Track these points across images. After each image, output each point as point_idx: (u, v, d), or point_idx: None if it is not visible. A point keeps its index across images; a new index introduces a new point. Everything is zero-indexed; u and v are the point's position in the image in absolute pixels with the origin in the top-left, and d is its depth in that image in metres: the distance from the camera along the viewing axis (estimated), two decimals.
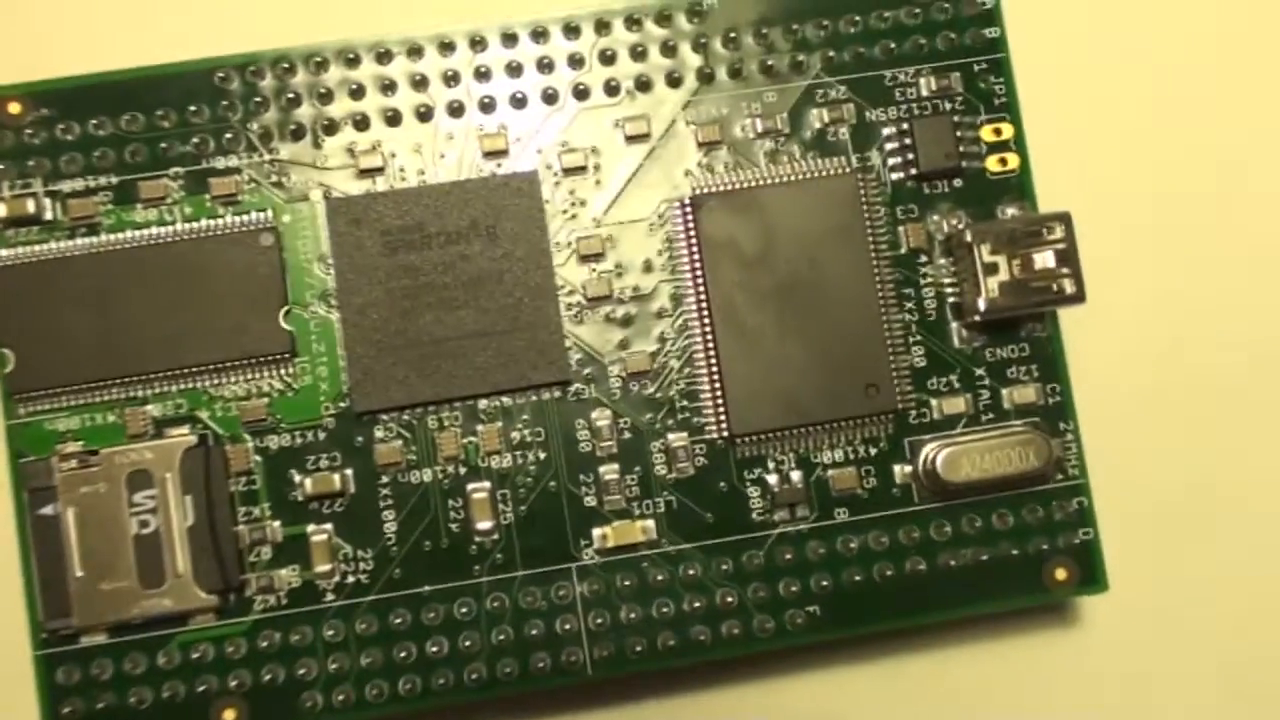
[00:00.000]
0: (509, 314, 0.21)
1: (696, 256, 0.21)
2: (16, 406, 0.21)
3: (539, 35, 0.22)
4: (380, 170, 0.21)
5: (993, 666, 0.23)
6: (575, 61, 0.22)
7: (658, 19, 0.22)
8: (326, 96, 0.21)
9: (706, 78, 0.22)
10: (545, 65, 0.21)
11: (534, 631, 0.21)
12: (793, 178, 0.21)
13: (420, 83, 0.21)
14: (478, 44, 0.21)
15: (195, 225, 0.21)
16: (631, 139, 0.21)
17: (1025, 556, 0.21)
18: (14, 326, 0.21)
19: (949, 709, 0.23)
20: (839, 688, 0.23)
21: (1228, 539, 0.23)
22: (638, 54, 0.22)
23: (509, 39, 0.21)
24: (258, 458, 0.21)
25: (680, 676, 0.22)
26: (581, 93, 0.22)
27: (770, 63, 0.22)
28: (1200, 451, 0.23)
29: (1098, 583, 0.22)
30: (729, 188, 0.21)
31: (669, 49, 0.22)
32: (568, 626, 0.21)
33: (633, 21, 0.22)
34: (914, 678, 0.23)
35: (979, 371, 0.22)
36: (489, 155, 0.21)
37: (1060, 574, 0.22)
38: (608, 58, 0.22)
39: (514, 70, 0.21)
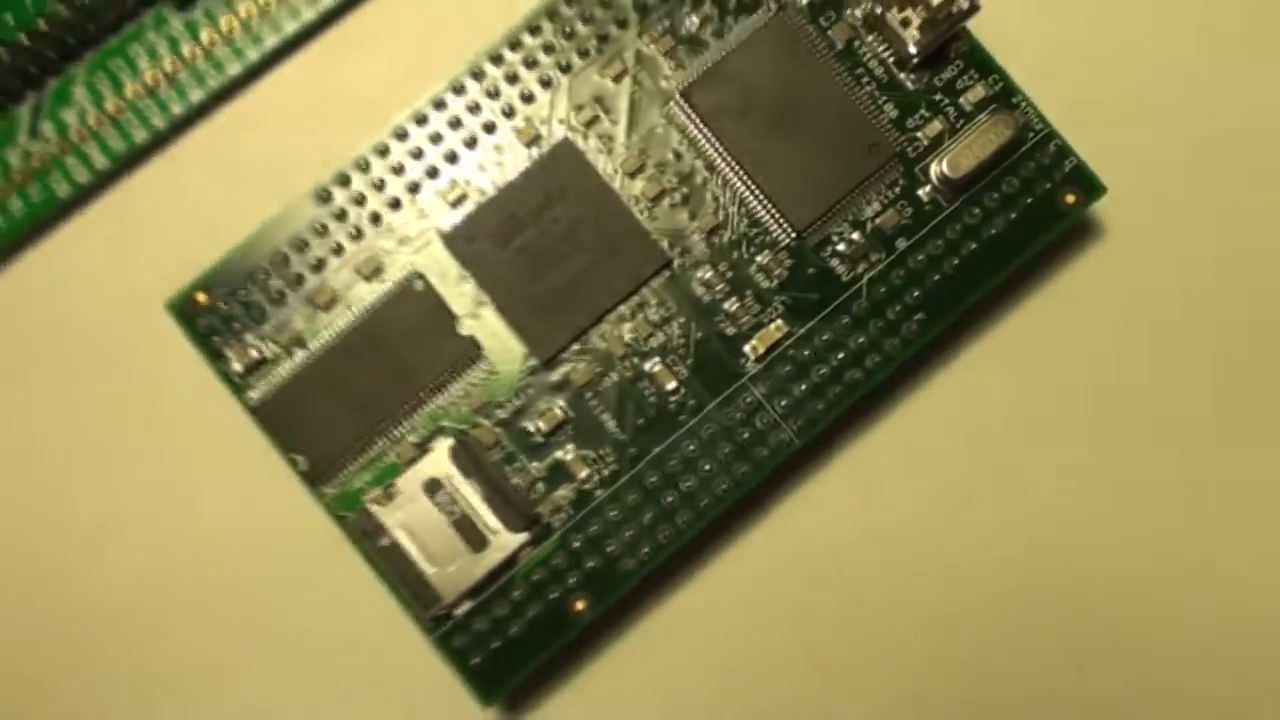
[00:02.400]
0: (604, 241, 0.28)
1: (705, 129, 0.28)
2: (321, 489, 0.28)
3: (515, 46, 0.28)
4: (465, 197, 0.28)
5: (1062, 300, 0.30)
6: (548, 49, 0.28)
7: None
8: (399, 169, 0.28)
9: (642, 9, 0.28)
10: (531, 63, 0.28)
11: (745, 435, 0.27)
12: (737, 42, 0.28)
13: (456, 124, 0.28)
14: (477, 75, 0.28)
15: (369, 307, 0.28)
16: (616, 78, 0.28)
17: (1038, 201, 0.28)
18: (293, 434, 0.27)
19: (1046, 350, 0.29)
20: (967, 372, 0.29)
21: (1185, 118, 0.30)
22: (587, 20, 0.28)
23: (496, 59, 0.28)
24: (498, 429, 0.27)
25: (856, 413, 0.29)
26: (565, 68, 0.28)
27: None
28: (1142, 59, 0.30)
29: (1098, 190, 0.28)
30: (701, 71, 0.28)
31: (605, 4, 0.28)
32: (765, 420, 0.27)
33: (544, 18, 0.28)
34: (1013, 340, 0.29)
35: (936, 96, 0.28)
36: (529, 144, 0.28)
37: (1070, 199, 0.28)
38: (568, 34, 0.28)
39: (513, 78, 0.28)
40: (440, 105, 0.28)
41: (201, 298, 0.28)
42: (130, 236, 0.29)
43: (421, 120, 0.28)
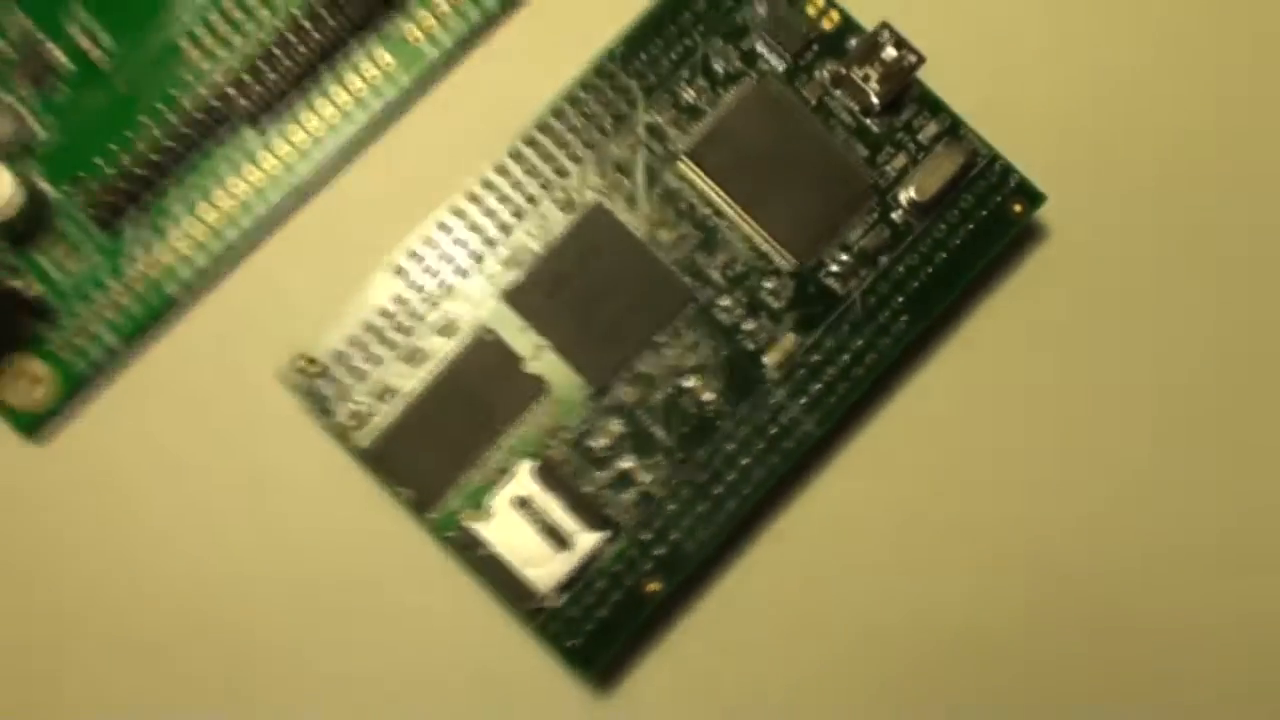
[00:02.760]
0: (638, 284, 0.33)
1: (710, 182, 0.33)
2: (426, 515, 0.33)
3: (545, 130, 0.34)
4: (518, 260, 0.33)
5: (1017, 303, 0.35)
6: (573, 130, 0.34)
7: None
8: (463, 242, 0.33)
9: (646, 90, 0.34)
10: (560, 144, 0.34)
11: (773, 431, 0.33)
12: (728, 108, 0.34)
13: (504, 199, 0.34)
14: (516, 157, 0.34)
15: (450, 359, 0.33)
16: (632, 148, 0.34)
17: (991, 214, 0.34)
18: (398, 471, 0.33)
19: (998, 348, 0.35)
20: (948, 362, 0.35)
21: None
22: (602, 102, 0.34)
23: (530, 143, 0.34)
24: (568, 448, 0.33)
25: (863, 404, 0.34)
26: (589, 144, 0.34)
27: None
28: (1069, 83, 0.36)
29: (1039, 198, 0.34)
30: (701, 134, 0.34)
31: (616, 88, 0.34)
32: (788, 417, 0.33)
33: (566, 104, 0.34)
34: (982, 332, 0.35)
35: (898, 135, 0.34)
36: (565, 210, 0.34)
37: (1017, 208, 0.34)
38: (588, 116, 0.34)
39: (547, 157, 0.34)
40: (488, 185, 0.33)
41: (308, 365, 0.33)
42: (238, 323, 0.34)
43: (475, 199, 0.33)
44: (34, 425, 0.34)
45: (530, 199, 0.34)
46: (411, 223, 0.34)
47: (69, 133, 0.35)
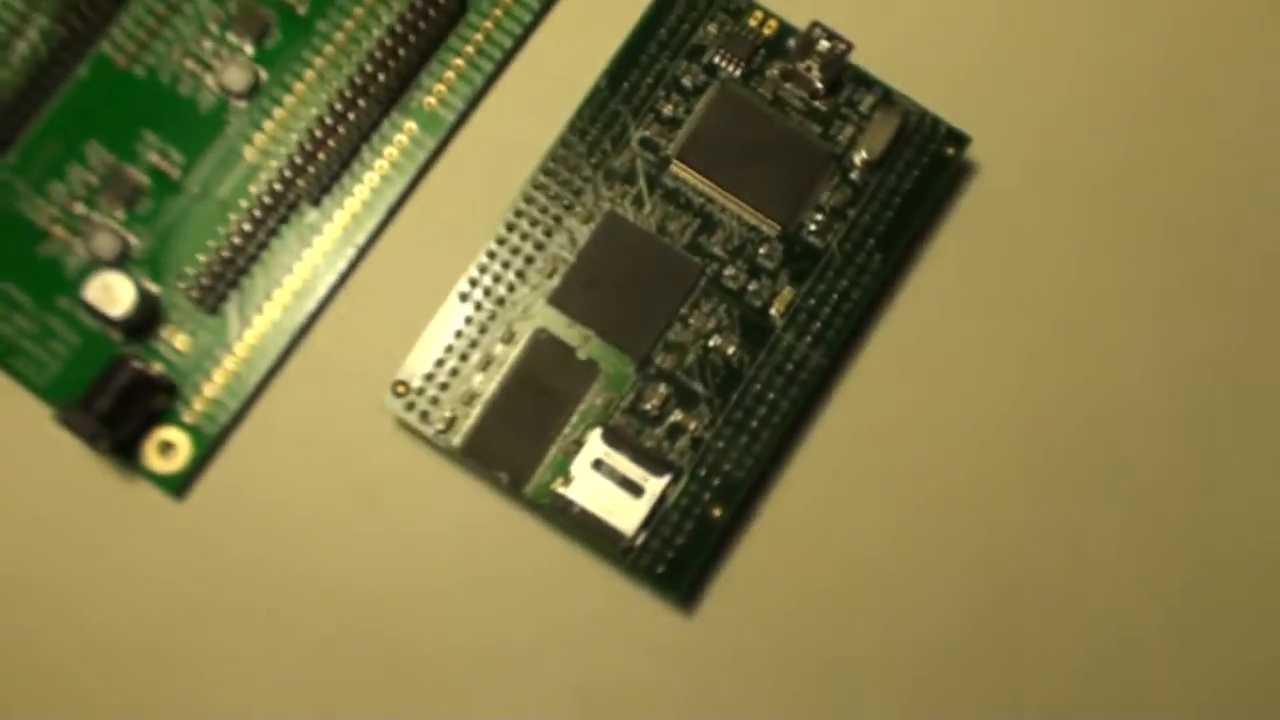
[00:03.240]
0: (657, 270, 0.40)
1: (699, 175, 0.40)
2: (521, 492, 0.40)
3: (556, 159, 0.41)
4: (555, 269, 0.40)
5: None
6: (580, 156, 0.41)
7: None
8: (507, 264, 0.40)
9: (634, 112, 0.41)
10: (573, 168, 0.41)
11: (789, 368, 0.40)
12: (701, 113, 0.41)
13: (534, 222, 0.40)
14: (539, 187, 0.41)
15: (516, 361, 0.40)
16: (631, 160, 0.41)
17: (930, 159, 0.41)
18: (491, 459, 0.39)
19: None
20: (920, 288, 0.42)
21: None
22: (603, 130, 0.41)
23: (548, 173, 0.41)
24: (626, 413, 0.40)
25: (858, 333, 0.41)
26: (596, 165, 0.41)
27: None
28: (983, 37, 0.43)
29: (965, 139, 0.41)
30: (684, 138, 0.41)
31: (610, 120, 0.41)
32: (798, 355, 0.40)
33: (571, 136, 0.41)
34: (938, 263, 0.42)
35: (843, 110, 0.41)
36: (586, 222, 0.41)
37: (949, 150, 0.41)
38: (591, 144, 0.41)
39: (564, 182, 0.41)
40: (519, 213, 0.40)
41: (403, 389, 0.40)
42: (333, 365, 0.41)
43: (511, 227, 0.40)
44: (178, 486, 0.41)
45: (556, 219, 0.40)
46: (462, 256, 0.40)
47: (160, 237, 0.41)
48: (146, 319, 0.41)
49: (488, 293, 0.40)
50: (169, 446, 0.41)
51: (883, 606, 0.40)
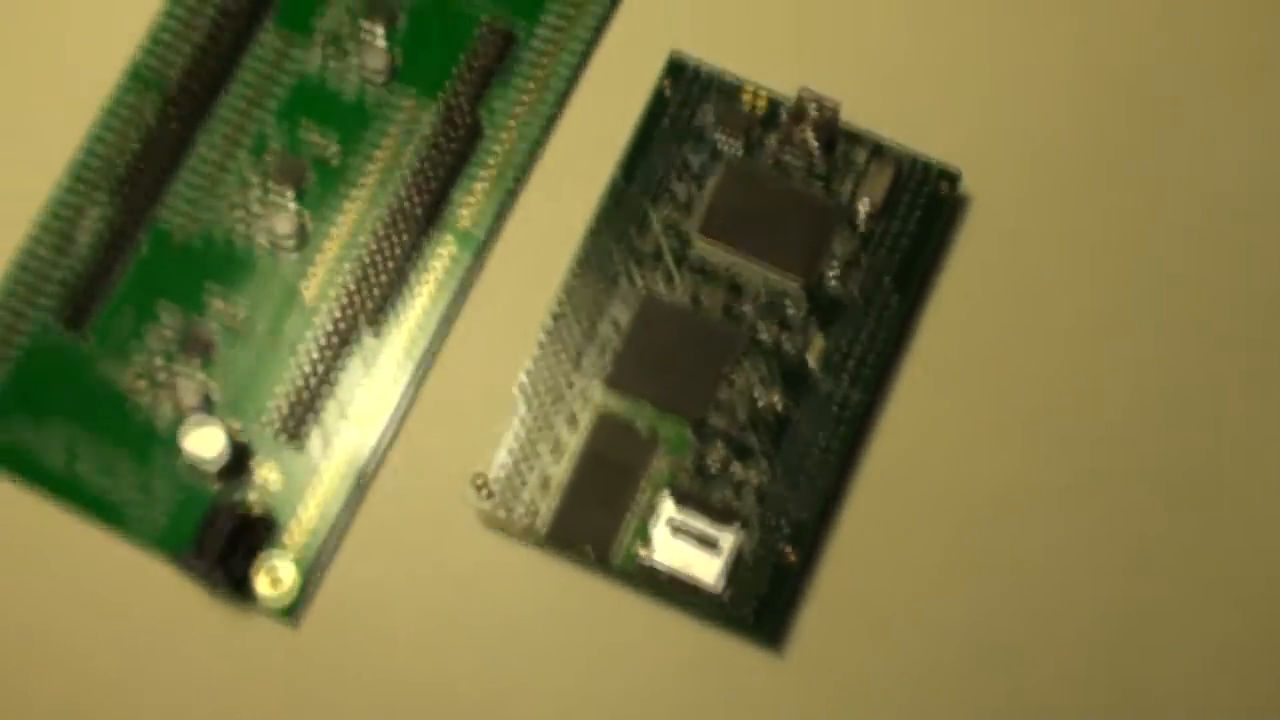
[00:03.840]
0: (700, 338, 0.43)
1: (722, 245, 0.44)
2: (608, 563, 0.43)
3: (587, 257, 0.44)
4: (607, 351, 0.44)
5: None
6: (613, 249, 0.44)
7: None
8: (559, 354, 0.44)
9: (653, 199, 0.45)
10: (606, 258, 0.44)
11: (834, 409, 0.43)
12: (713, 189, 0.44)
13: (579, 313, 0.44)
14: (576, 277, 0.44)
15: (586, 442, 0.43)
16: (658, 242, 0.44)
17: (926, 198, 0.44)
18: (576, 536, 0.43)
19: None
20: (935, 317, 0.45)
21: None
22: (633, 224, 0.44)
23: (580, 267, 0.44)
24: (692, 474, 0.43)
25: (889, 367, 0.45)
26: (628, 254, 0.44)
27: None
28: (966, 87, 0.47)
29: (956, 176, 0.45)
30: (702, 214, 0.44)
31: (635, 216, 0.44)
32: (840, 395, 0.43)
33: (599, 228, 0.44)
34: (948, 292, 0.46)
35: (840, 167, 0.45)
36: (625, 306, 0.44)
37: (944, 188, 0.45)
38: (619, 238, 0.44)
39: (591, 287, 0.44)
40: (562, 303, 0.44)
41: (483, 485, 0.43)
42: (415, 473, 0.44)
43: (557, 319, 0.44)
44: (288, 612, 0.44)
45: (597, 307, 0.44)
46: (518, 354, 0.44)
47: (238, 382, 0.45)
48: (238, 460, 0.44)
49: (547, 385, 0.43)
50: (277, 576, 0.44)
51: (956, 612, 0.44)
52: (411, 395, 0.45)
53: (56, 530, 0.44)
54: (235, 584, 0.43)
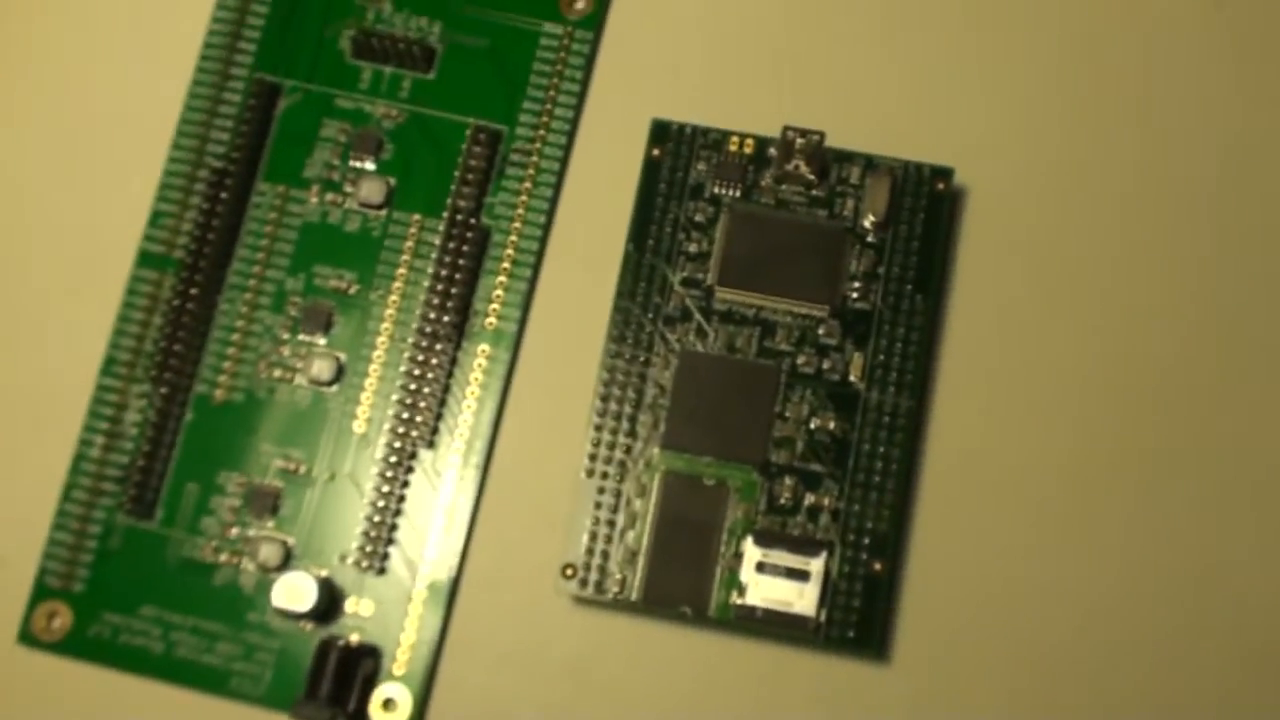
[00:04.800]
0: (743, 386, 0.44)
1: (742, 292, 0.45)
2: (705, 616, 0.43)
3: (617, 343, 0.46)
4: (659, 417, 0.45)
5: None
6: (641, 331, 0.46)
7: None
8: (614, 431, 0.45)
9: (666, 258, 0.46)
10: (639, 335, 0.45)
11: (885, 418, 0.44)
12: (722, 239, 0.46)
13: (623, 389, 0.45)
14: (614, 356, 0.45)
15: (657, 506, 0.44)
16: (685, 306, 0.46)
17: (927, 199, 0.46)
18: (670, 597, 0.43)
19: None
20: (959, 301, 0.47)
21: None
22: (647, 306, 0.46)
23: (615, 348, 0.45)
24: (767, 512, 0.44)
25: (928, 369, 0.46)
26: (653, 315, 0.45)
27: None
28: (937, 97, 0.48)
29: (949, 171, 0.46)
30: (718, 266, 0.45)
31: (652, 287, 0.46)
32: (888, 404, 0.44)
33: (622, 301, 0.46)
34: (962, 280, 0.47)
35: (837, 188, 0.46)
36: (665, 367, 0.45)
37: (940, 186, 0.46)
38: (644, 303, 0.46)
39: (628, 358, 0.45)
40: (606, 383, 0.45)
41: (571, 571, 0.44)
42: (499, 571, 0.45)
43: (604, 398, 0.45)
44: None
45: (640, 376, 0.45)
46: (575, 436, 0.45)
47: (311, 528, 0.46)
48: (330, 601, 0.45)
49: (608, 460, 0.45)
50: (391, 702, 0.44)
51: (1039, 586, 0.45)
52: (479, 498, 0.46)
53: (167, 707, 0.45)
54: (352, 719, 0.44)
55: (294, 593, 0.44)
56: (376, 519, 0.45)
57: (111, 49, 0.50)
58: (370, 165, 0.48)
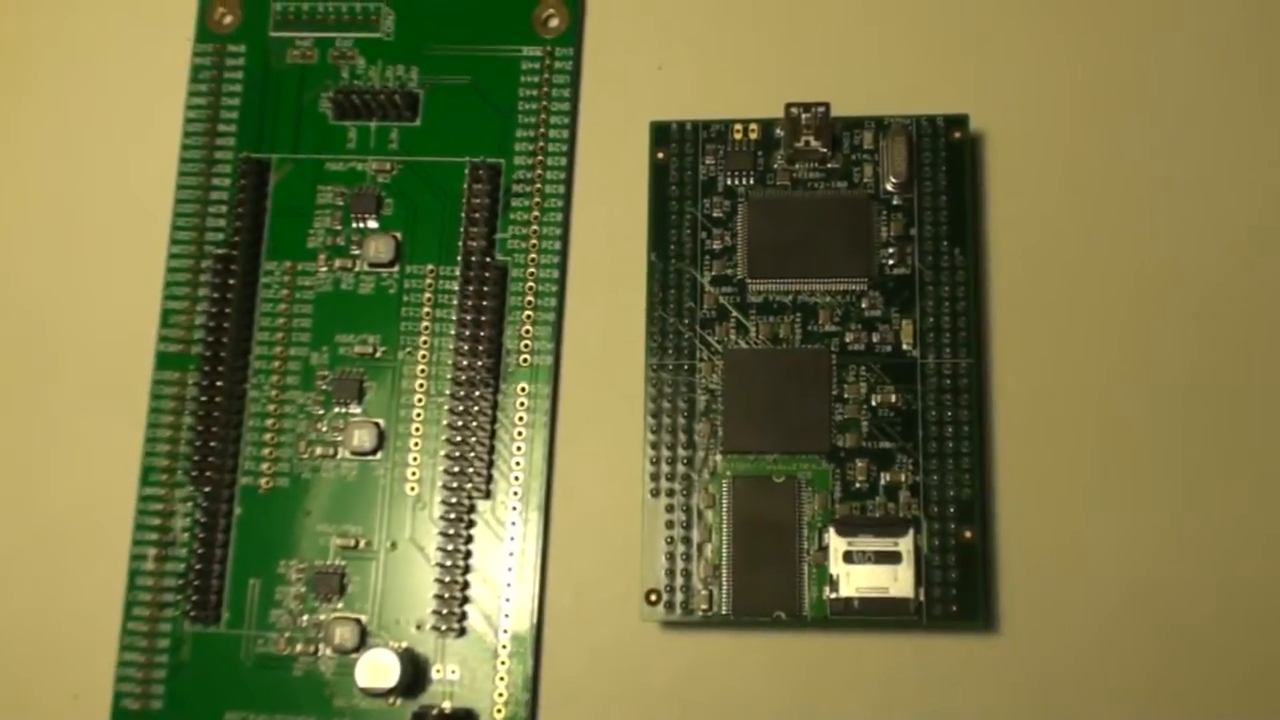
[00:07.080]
0: (795, 376, 0.43)
1: (774, 281, 0.44)
2: (800, 616, 0.42)
3: (658, 357, 0.44)
4: (716, 424, 0.43)
5: None
6: (679, 324, 0.44)
7: None
8: (672, 446, 0.43)
9: (691, 260, 0.44)
10: (679, 342, 0.44)
11: (947, 382, 0.43)
12: (744, 228, 0.44)
13: (673, 412, 0.43)
14: (657, 383, 0.44)
15: (730, 511, 0.42)
16: (720, 308, 0.44)
17: (947, 149, 0.44)
18: (761, 604, 0.42)
19: None
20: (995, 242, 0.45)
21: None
22: (680, 307, 0.44)
23: (657, 361, 0.44)
24: (843, 499, 0.42)
25: (980, 326, 0.44)
26: (689, 321, 0.44)
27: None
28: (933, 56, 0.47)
29: (963, 119, 0.45)
30: (746, 256, 0.44)
31: (683, 289, 0.44)
32: (946, 366, 0.43)
33: (655, 313, 0.44)
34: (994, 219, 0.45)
35: (852, 156, 0.44)
36: (713, 370, 0.44)
37: (957, 135, 0.44)
38: (678, 311, 0.44)
39: (672, 368, 0.44)
40: (654, 398, 0.43)
41: (655, 597, 0.42)
42: (585, 609, 0.44)
43: (655, 415, 0.43)
44: None
45: (687, 384, 0.43)
46: (632, 458, 0.43)
47: (382, 601, 0.44)
48: (414, 672, 0.43)
49: (671, 476, 0.43)
50: None
51: (1134, 536, 0.43)
52: (546, 539, 0.45)
53: None
54: None
55: (377, 670, 0.42)
56: (446, 579, 0.44)
57: (94, 146, 0.49)
58: (373, 224, 0.47)
